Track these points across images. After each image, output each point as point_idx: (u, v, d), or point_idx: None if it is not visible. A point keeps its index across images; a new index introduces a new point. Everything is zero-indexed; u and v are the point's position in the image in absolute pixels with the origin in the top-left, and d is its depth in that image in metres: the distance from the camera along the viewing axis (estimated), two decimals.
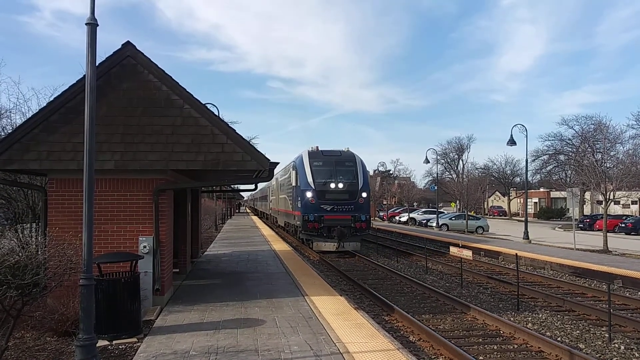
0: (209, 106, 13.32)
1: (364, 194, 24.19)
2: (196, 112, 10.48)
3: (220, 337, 8.24)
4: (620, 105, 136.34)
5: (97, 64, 7.61)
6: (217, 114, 14.68)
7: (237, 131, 10.71)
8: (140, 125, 10.29)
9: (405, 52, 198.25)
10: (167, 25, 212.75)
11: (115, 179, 10.45)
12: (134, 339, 8.22)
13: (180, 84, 10.54)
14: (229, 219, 66.51)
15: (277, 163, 11.15)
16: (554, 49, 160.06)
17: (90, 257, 6.41)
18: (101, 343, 7.86)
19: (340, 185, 23.76)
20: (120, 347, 7.97)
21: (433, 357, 9.01)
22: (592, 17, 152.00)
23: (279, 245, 25.19)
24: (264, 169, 10.76)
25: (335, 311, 10.13)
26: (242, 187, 29.36)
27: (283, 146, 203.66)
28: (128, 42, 10.50)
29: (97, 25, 6.54)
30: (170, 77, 10.54)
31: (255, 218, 67.48)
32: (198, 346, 7.70)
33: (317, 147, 25.81)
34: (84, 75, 6.90)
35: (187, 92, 10.55)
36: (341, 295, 11.87)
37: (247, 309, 10.39)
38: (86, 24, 6.50)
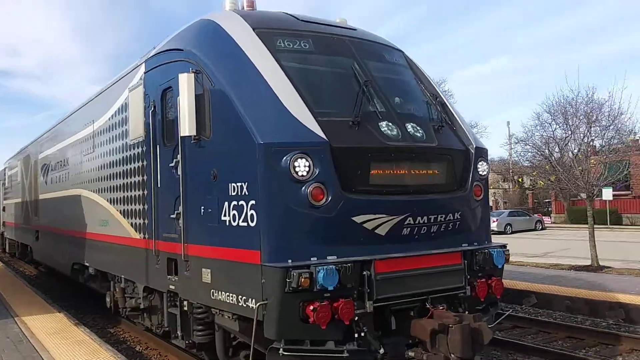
0: None
1: (483, 167, 6.70)
2: None
3: None
4: None
5: None
6: None
7: None
8: None
9: (141, 47, 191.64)
10: None
11: None
12: None
13: None
14: None
15: None
16: None
17: None
18: None
19: (418, 133, 6.13)
20: None
21: None
22: None
23: None
24: None
25: (51, 330, 9.27)
26: None
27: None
28: None
29: None
30: None
31: None
32: None
33: (253, 2, 7.08)
34: None
35: None
36: (60, 312, 10.91)
37: None
38: None
